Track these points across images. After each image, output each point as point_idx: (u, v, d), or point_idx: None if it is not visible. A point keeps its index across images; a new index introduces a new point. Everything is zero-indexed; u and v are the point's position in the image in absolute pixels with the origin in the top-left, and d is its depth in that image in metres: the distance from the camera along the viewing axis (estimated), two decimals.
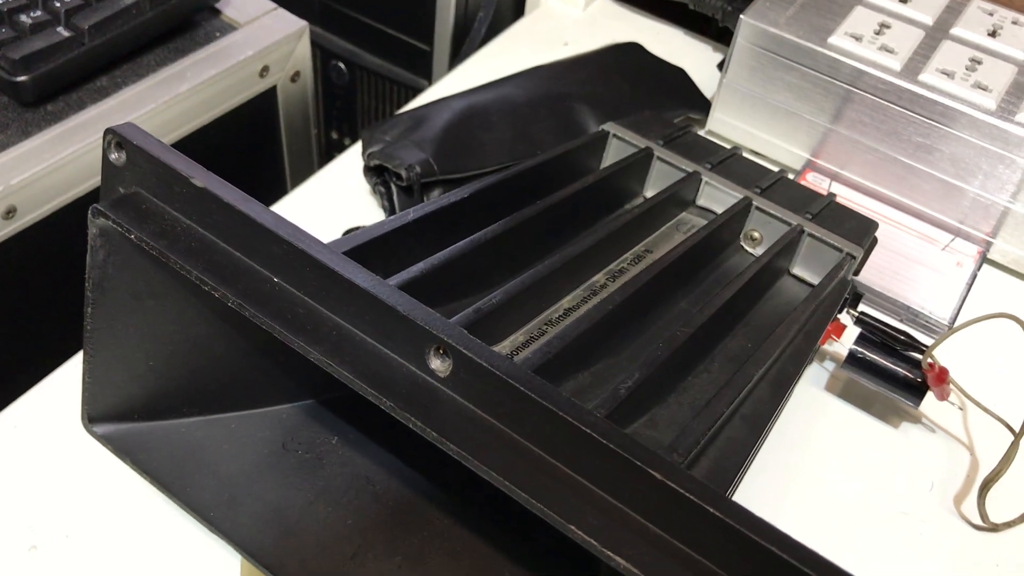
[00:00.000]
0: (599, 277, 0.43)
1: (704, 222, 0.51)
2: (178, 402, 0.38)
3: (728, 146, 0.56)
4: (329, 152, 0.95)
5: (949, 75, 0.60)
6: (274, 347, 0.35)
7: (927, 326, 0.59)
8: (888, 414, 0.55)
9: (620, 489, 0.27)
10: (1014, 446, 0.50)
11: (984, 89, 0.60)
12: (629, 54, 0.72)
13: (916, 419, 0.55)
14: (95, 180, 0.58)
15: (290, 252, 0.31)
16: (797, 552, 0.24)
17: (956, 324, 0.58)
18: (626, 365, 0.39)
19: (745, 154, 0.57)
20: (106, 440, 0.37)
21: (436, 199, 0.41)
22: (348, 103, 0.90)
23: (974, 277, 0.62)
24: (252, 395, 0.39)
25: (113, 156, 0.34)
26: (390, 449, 0.39)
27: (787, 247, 0.49)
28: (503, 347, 0.37)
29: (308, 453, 0.38)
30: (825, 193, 0.58)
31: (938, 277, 0.61)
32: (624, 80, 0.68)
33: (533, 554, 0.36)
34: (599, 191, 0.48)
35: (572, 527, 0.26)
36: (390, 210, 0.58)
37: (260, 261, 0.32)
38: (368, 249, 0.37)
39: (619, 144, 0.52)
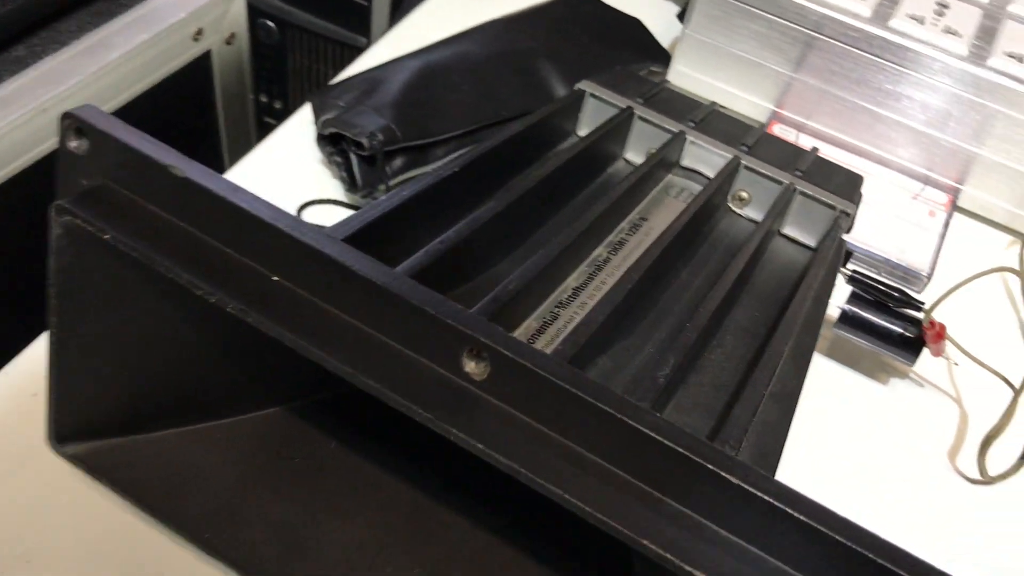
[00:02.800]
0: (600, 250, 0.41)
1: (691, 183, 0.48)
2: (156, 413, 0.34)
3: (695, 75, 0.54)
4: (259, 118, 0.89)
5: (919, 20, 0.59)
6: (261, 347, 0.31)
7: (905, 278, 0.58)
8: (876, 371, 0.54)
9: (693, 497, 0.24)
10: (1015, 402, 0.49)
11: (954, 34, 0.58)
12: (583, 5, 0.68)
13: (904, 374, 0.54)
14: (19, 163, 0.53)
15: (292, 247, 0.27)
16: (898, 557, 0.22)
17: (938, 275, 0.57)
18: (641, 344, 0.37)
19: None
20: (79, 460, 0.33)
21: (424, 176, 0.37)
22: (278, 64, 0.84)
23: (947, 226, 0.61)
24: (238, 400, 0.35)
25: (73, 144, 0.29)
26: (394, 449, 0.36)
27: (778, 205, 0.47)
28: (519, 334, 0.34)
29: (306, 460, 0.35)
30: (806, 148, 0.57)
31: (912, 227, 0.60)
32: (583, 33, 0.65)
33: (561, 555, 0.33)
34: (585, 157, 0.45)
35: (646, 543, 0.24)
36: (350, 182, 0.55)
37: (257, 258, 0.28)
38: (364, 235, 0.33)
39: (596, 104, 0.49)
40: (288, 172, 0.58)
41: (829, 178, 0.49)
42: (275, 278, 0.28)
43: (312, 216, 0.55)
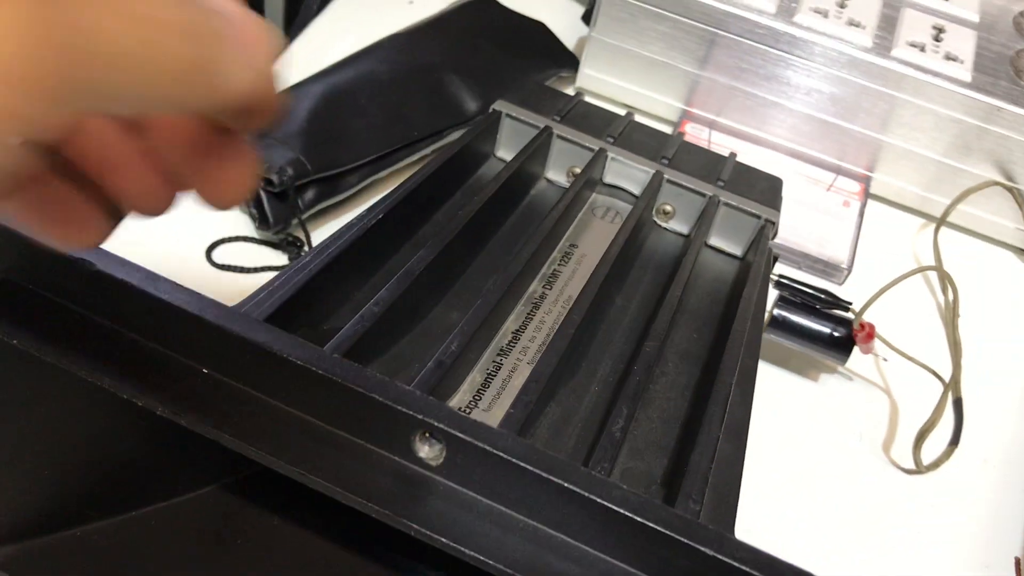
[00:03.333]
0: (535, 286, 0.39)
1: (615, 200, 0.48)
2: (85, 507, 0.32)
3: (614, 109, 0.53)
4: None
5: (823, 14, 0.59)
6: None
7: (826, 271, 0.59)
8: (806, 369, 0.55)
9: (671, 570, 0.24)
10: (945, 394, 0.50)
11: (858, 26, 0.59)
12: (486, 11, 0.67)
13: (832, 370, 0.55)
14: None
15: (221, 338, 0.26)
16: None
17: (859, 266, 0.58)
18: (586, 382, 0.36)
19: (622, 111, 0.54)
20: (2, 567, 0.31)
21: (347, 227, 0.36)
22: None
23: (862, 214, 0.62)
24: (170, 483, 0.33)
25: None
26: (343, 517, 0.34)
27: (703, 217, 0.46)
28: (463, 392, 0.33)
29: (250, 541, 0.33)
30: (714, 150, 0.56)
31: (829, 218, 0.61)
32: (488, 41, 0.64)
33: None
34: (509, 183, 0.44)
35: None
36: (260, 219, 0.52)
37: (184, 351, 0.26)
38: (292, 306, 0.32)
39: (513, 124, 0.48)
40: (194, 209, 0.55)
41: (751, 185, 0.49)
42: (206, 371, 0.26)
43: (223, 255, 0.53)
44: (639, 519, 0.23)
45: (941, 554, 0.49)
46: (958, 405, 0.53)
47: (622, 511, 0.23)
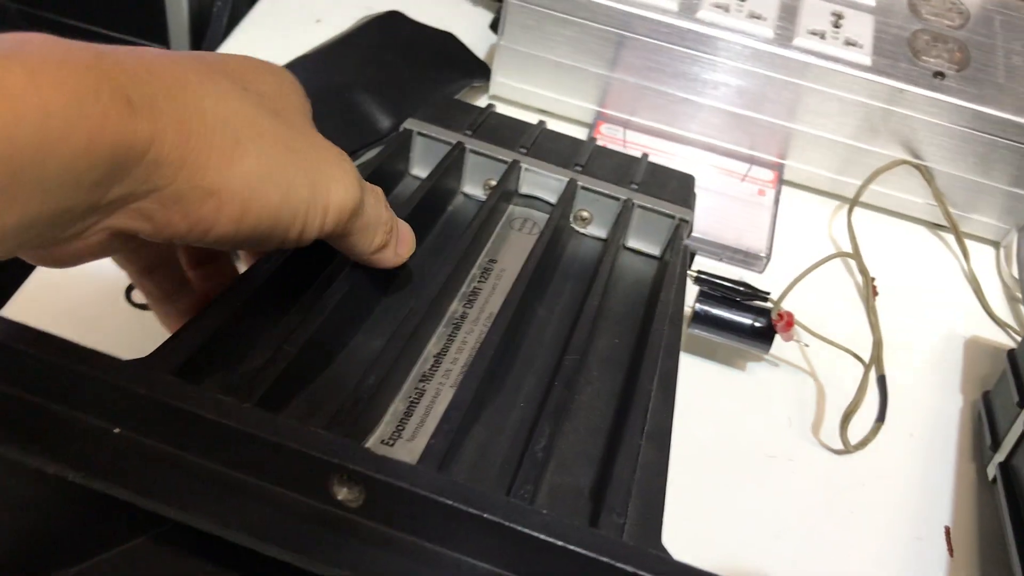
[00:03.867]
0: (455, 306, 0.40)
1: (532, 211, 0.48)
2: (6, 573, 0.31)
3: (528, 116, 0.54)
4: None
5: (724, 9, 0.60)
6: None
7: (746, 261, 0.60)
8: (732, 358, 0.56)
9: None
10: (866, 375, 0.52)
11: (759, 18, 0.60)
12: (393, 26, 0.67)
13: (758, 358, 0.56)
14: None
15: (130, 396, 0.25)
16: None
17: (778, 253, 0.59)
18: (511, 400, 0.36)
19: (536, 117, 0.55)
20: None
21: (261, 262, 0.35)
22: None
23: (777, 202, 0.63)
24: (95, 540, 0.33)
25: None
26: (275, 561, 0.34)
27: (620, 221, 0.47)
28: (386, 423, 0.33)
29: None
30: (630, 151, 0.57)
31: (745, 208, 0.62)
32: (397, 57, 0.63)
33: None
34: (424, 203, 0.44)
35: None
36: None
37: (93, 412, 0.26)
38: (206, 352, 0.31)
39: (425, 141, 0.48)
40: None
41: (663, 185, 0.49)
42: (117, 431, 0.26)
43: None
44: (560, 543, 0.24)
45: (875, 529, 0.50)
46: (882, 382, 0.54)
47: (542, 537, 0.24)
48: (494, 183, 0.48)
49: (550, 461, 0.33)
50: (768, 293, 0.51)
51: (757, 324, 0.51)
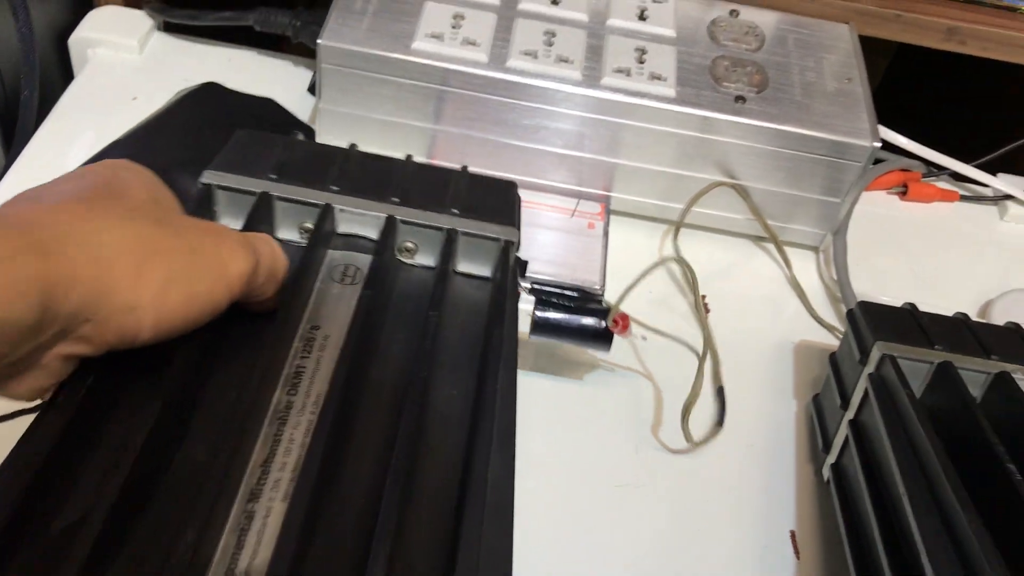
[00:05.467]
0: (278, 395, 0.38)
1: (352, 253, 0.46)
2: None
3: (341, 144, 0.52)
4: None
5: (532, 55, 0.62)
6: None
7: (583, 294, 0.62)
8: (566, 370, 0.59)
9: None
10: (701, 367, 0.55)
11: (566, 61, 0.62)
12: (209, 99, 0.66)
13: (594, 366, 0.59)
14: None
15: None
16: None
17: (615, 272, 0.61)
18: (351, 496, 0.35)
19: None
20: None
21: (68, 389, 0.34)
22: None
23: (607, 233, 0.65)
24: None
25: None
26: None
27: (446, 251, 0.46)
28: (216, 564, 0.31)
29: None
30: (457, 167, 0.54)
31: (576, 243, 0.64)
32: (216, 132, 0.63)
33: None
34: None
35: None
36: None
37: None
38: (18, 513, 0.30)
39: (228, 195, 0.46)
40: None
41: (485, 201, 0.49)
42: None
43: None
44: None
45: (724, 542, 0.52)
46: (720, 393, 0.58)
47: None
48: (310, 225, 0.46)
49: (396, 564, 0.33)
50: (602, 296, 0.54)
51: (597, 327, 0.53)
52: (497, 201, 0.49)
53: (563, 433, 0.55)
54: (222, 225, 0.38)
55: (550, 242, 0.64)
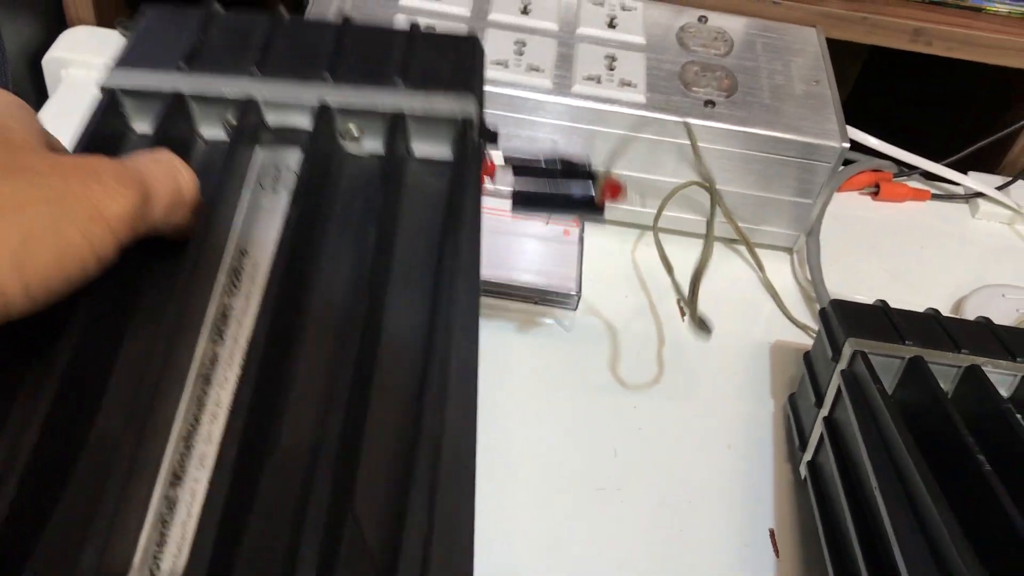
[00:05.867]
0: (203, 346, 0.31)
1: (285, 151, 0.39)
2: None
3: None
4: None
5: (503, 65, 0.63)
6: None
7: (557, 301, 0.62)
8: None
9: None
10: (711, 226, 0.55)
11: (537, 70, 0.63)
12: None
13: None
14: None
15: None
16: None
17: (585, 289, 0.62)
18: (290, 461, 0.29)
19: None
20: None
21: None
22: None
23: (582, 240, 0.65)
24: None
25: None
26: None
27: (391, 137, 0.38)
28: (138, 571, 0.26)
29: None
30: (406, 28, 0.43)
31: (552, 251, 0.64)
32: None
33: None
34: None
35: None
36: None
37: None
38: None
39: (135, 99, 0.38)
40: None
41: (438, 68, 0.40)
42: None
43: None
44: None
45: (704, 543, 0.53)
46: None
47: None
48: (234, 121, 0.38)
49: (343, 530, 0.28)
50: (589, 165, 0.50)
51: (586, 195, 0.49)
52: (453, 63, 0.41)
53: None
54: (96, 158, 0.31)
55: (526, 250, 0.64)
